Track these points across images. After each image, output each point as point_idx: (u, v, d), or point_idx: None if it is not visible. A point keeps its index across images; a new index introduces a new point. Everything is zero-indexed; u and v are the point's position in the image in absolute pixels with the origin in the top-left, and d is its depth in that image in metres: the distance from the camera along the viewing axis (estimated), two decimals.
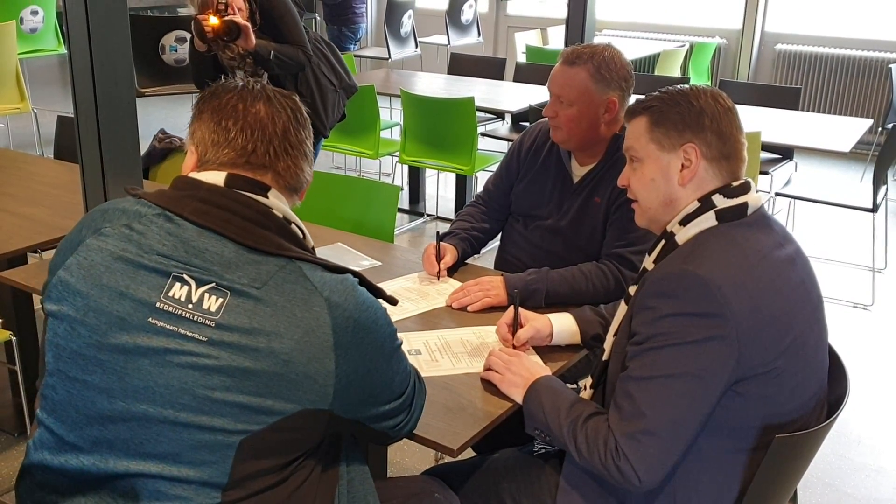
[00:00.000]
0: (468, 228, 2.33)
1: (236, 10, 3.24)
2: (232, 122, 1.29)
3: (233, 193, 1.25)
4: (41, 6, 6.63)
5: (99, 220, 1.26)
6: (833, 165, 6.27)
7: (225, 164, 1.28)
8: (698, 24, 7.27)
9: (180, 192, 1.26)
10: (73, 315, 1.19)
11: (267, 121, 1.29)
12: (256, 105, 1.30)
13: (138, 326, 1.17)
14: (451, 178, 5.21)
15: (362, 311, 1.24)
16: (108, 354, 1.17)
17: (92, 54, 2.12)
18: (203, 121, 1.31)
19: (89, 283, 1.20)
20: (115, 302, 1.18)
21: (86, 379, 1.18)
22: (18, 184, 2.91)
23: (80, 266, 1.21)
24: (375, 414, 1.31)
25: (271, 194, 1.29)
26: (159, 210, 1.24)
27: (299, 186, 1.35)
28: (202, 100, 1.33)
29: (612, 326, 1.57)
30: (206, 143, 1.30)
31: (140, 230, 1.22)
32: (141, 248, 1.21)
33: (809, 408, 1.44)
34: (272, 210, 1.27)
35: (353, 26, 7.08)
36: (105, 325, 1.18)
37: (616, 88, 2.09)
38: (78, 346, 1.19)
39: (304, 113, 1.36)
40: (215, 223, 1.22)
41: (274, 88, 1.35)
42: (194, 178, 1.28)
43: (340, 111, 3.81)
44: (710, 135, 1.45)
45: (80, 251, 1.23)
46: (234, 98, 1.31)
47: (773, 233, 1.45)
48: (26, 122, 5.84)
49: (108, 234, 1.23)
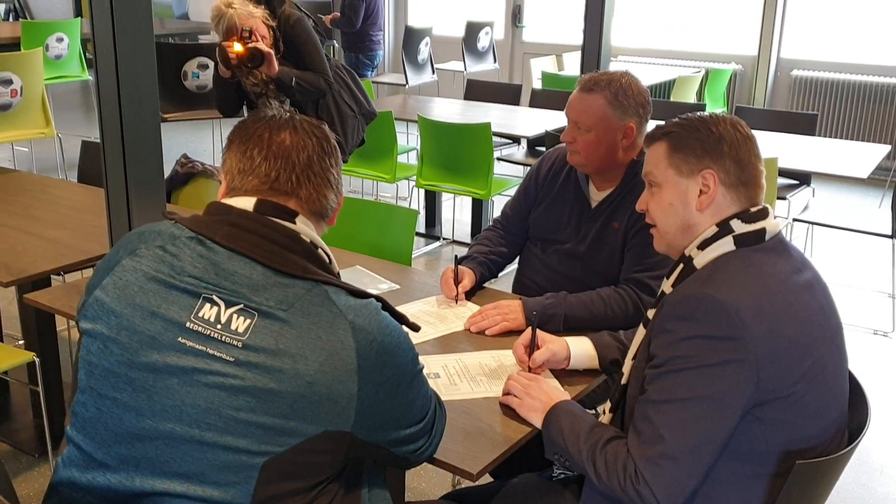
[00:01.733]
0: (486, 252, 2.34)
1: (259, 38, 3.30)
2: (257, 151, 1.33)
3: (262, 218, 1.29)
4: (66, 33, 6.76)
5: (135, 241, 1.30)
6: (851, 191, 6.24)
7: (251, 191, 1.32)
8: (714, 49, 7.29)
9: (212, 216, 1.30)
10: (107, 333, 1.22)
11: (291, 149, 1.33)
12: (282, 134, 1.34)
13: (168, 346, 1.20)
14: (467, 203, 5.24)
15: (385, 334, 1.26)
16: (138, 373, 1.20)
17: (119, 81, 2.16)
18: (232, 150, 1.36)
19: (123, 303, 1.23)
20: (147, 321, 1.21)
21: (116, 396, 1.21)
22: (43, 207, 2.96)
23: (116, 286, 1.25)
24: (396, 438, 1.32)
25: (299, 220, 1.32)
26: (192, 234, 1.27)
27: (325, 212, 1.38)
28: (233, 130, 1.39)
29: (631, 350, 1.58)
30: (234, 172, 1.35)
31: (174, 252, 1.25)
32: (174, 270, 1.24)
33: (829, 434, 1.44)
34: (300, 235, 1.30)
35: (371, 53, 7.16)
36: (137, 344, 1.21)
37: (633, 115, 2.11)
38: (110, 363, 1.21)
39: (331, 142, 1.39)
40: (245, 247, 1.25)
41: (303, 117, 1.39)
42: (225, 203, 1.32)
43: (360, 136, 3.85)
44: (729, 161, 1.47)
45: (116, 271, 1.26)
46: (262, 128, 1.35)
47: (790, 258, 1.46)
48: (49, 146, 5.93)
49: (143, 256, 1.26)
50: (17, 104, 4.82)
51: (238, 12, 3.27)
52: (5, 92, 4.75)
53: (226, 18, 3.28)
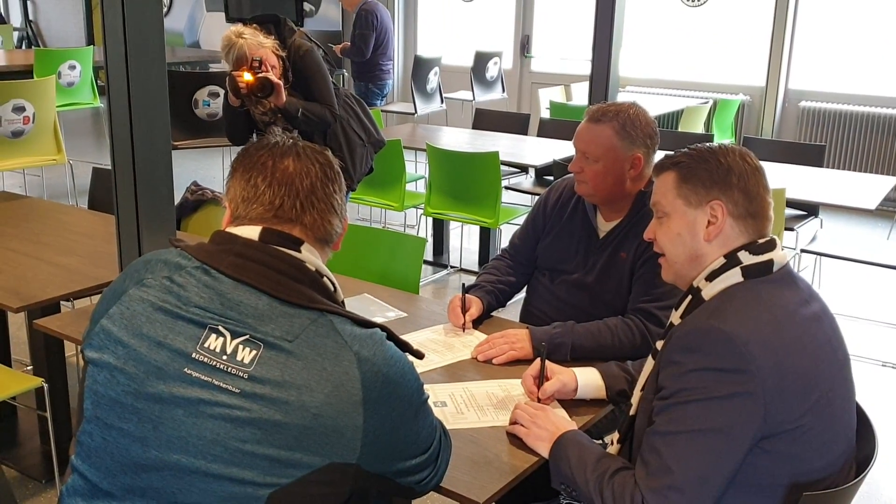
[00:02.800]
0: (494, 281, 2.35)
1: (269, 68, 3.33)
2: (261, 179, 1.33)
3: (267, 248, 1.29)
4: (79, 61, 6.84)
5: (142, 270, 1.30)
6: (859, 223, 6.23)
7: (256, 220, 1.33)
8: (722, 80, 7.33)
9: (218, 246, 1.30)
10: (114, 363, 1.22)
11: (294, 176, 1.33)
12: (286, 161, 1.34)
13: (174, 376, 1.20)
14: (474, 231, 5.25)
15: (390, 365, 1.26)
16: (144, 403, 1.20)
17: (131, 109, 2.19)
18: (235, 178, 1.36)
19: (130, 333, 1.23)
20: (154, 351, 1.21)
21: (122, 427, 1.20)
22: (53, 233, 2.98)
23: (123, 315, 1.25)
24: (401, 469, 1.31)
25: (304, 248, 1.32)
26: (198, 263, 1.28)
27: (330, 238, 1.38)
28: (236, 158, 1.39)
29: (640, 381, 1.58)
30: (238, 200, 1.35)
31: (180, 282, 1.26)
32: (180, 300, 1.24)
33: (838, 467, 1.43)
34: (305, 264, 1.30)
35: (380, 83, 7.22)
36: (143, 374, 1.21)
37: (641, 145, 2.12)
38: (116, 393, 1.21)
39: (334, 168, 1.39)
40: (250, 277, 1.25)
41: (306, 143, 1.39)
42: (231, 232, 1.32)
43: (368, 165, 3.88)
44: (737, 193, 1.47)
45: (123, 301, 1.26)
46: (265, 155, 1.35)
47: (798, 290, 1.46)
48: (60, 172, 5.98)
49: (150, 286, 1.26)
50: (29, 131, 4.88)
51: (248, 42, 3.31)
52: (18, 119, 4.81)
53: (236, 48, 3.31)
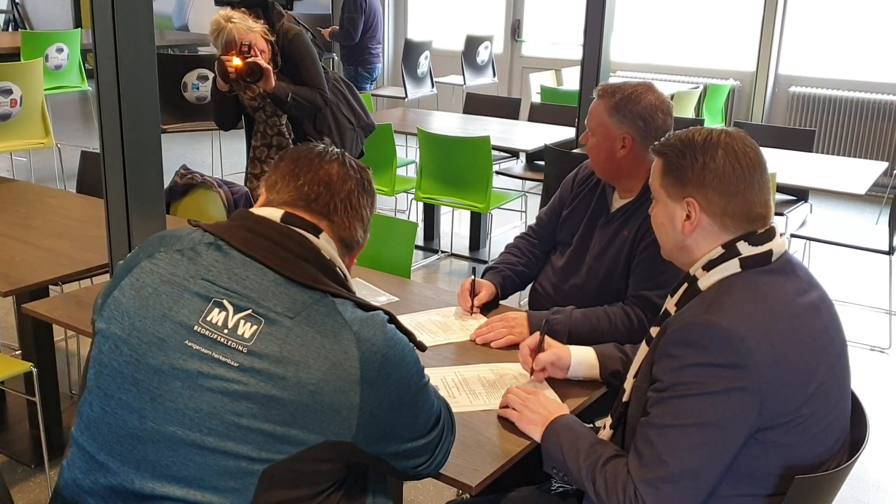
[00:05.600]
0: (513, 263, 2.36)
1: (258, 52, 3.30)
2: (304, 172, 1.38)
3: (278, 226, 1.31)
4: (66, 44, 6.78)
5: (156, 244, 1.32)
6: (848, 208, 6.26)
7: (285, 203, 1.35)
8: (712, 65, 7.33)
9: (233, 221, 1.33)
10: (119, 334, 1.24)
11: (336, 178, 1.39)
12: (331, 164, 1.40)
13: (175, 348, 1.21)
14: (465, 216, 5.25)
15: (390, 346, 1.26)
16: (144, 374, 1.21)
17: (120, 92, 2.17)
18: (280, 168, 1.40)
19: (137, 304, 1.25)
20: (158, 323, 1.23)
21: (121, 397, 1.22)
22: (42, 217, 2.96)
23: (132, 287, 1.27)
24: (397, 451, 1.32)
25: (323, 237, 1.34)
26: (212, 238, 1.30)
27: (352, 244, 1.42)
28: (286, 152, 1.43)
29: (633, 367, 1.58)
30: (275, 187, 1.38)
31: (190, 256, 1.28)
32: (188, 273, 1.26)
33: (833, 453, 1.44)
34: (320, 250, 1.32)
35: (369, 66, 7.18)
36: (145, 345, 1.22)
37: (631, 125, 2.10)
38: (119, 364, 1.23)
39: (372, 185, 1.46)
40: (259, 252, 1.27)
41: (350, 157, 1.45)
42: (249, 210, 1.36)
43: (359, 149, 3.86)
44: (711, 192, 1.43)
45: (134, 273, 1.29)
46: (314, 156, 1.41)
47: (797, 279, 1.45)
48: (48, 156, 5.94)
49: (160, 259, 1.28)
50: (16, 114, 4.83)
51: (237, 27, 3.28)
52: (5, 102, 4.76)
53: (225, 32, 3.28)
